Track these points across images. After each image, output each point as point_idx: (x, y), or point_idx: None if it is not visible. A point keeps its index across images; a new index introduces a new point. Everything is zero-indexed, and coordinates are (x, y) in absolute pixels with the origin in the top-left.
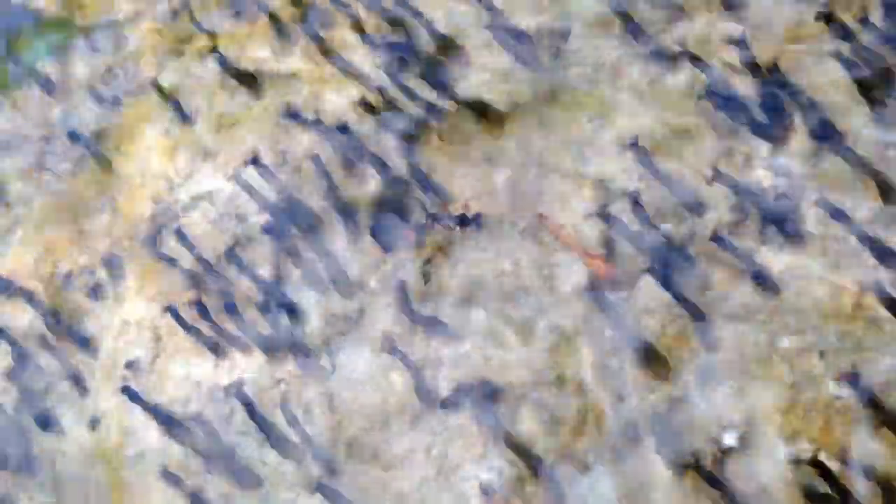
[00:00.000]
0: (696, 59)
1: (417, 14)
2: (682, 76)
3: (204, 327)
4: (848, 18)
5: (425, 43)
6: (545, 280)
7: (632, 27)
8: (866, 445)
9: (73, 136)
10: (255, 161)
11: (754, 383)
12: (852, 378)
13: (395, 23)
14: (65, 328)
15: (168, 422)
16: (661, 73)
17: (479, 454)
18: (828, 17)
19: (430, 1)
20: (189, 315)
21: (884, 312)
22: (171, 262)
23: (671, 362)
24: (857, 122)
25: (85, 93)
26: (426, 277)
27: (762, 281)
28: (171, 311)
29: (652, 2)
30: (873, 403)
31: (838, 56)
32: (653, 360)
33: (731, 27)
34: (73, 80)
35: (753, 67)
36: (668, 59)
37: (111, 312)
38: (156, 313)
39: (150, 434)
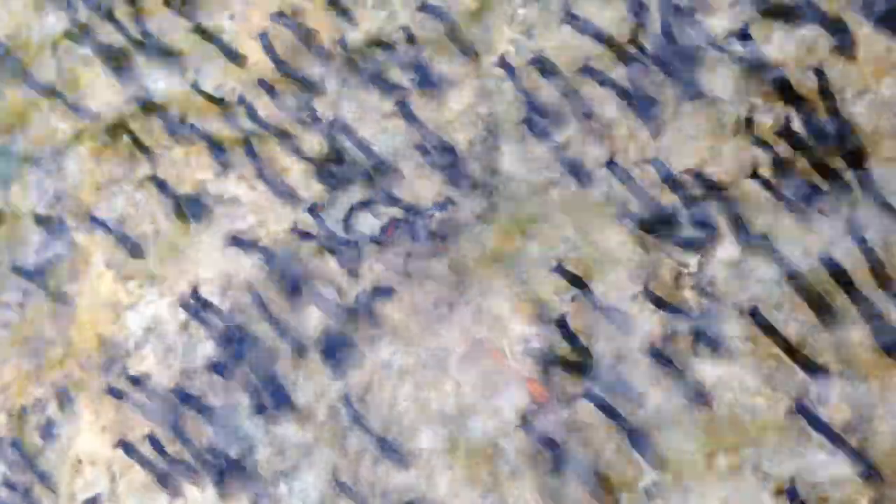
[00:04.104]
0: (616, 173)
1: (354, 136)
2: (605, 191)
3: (157, 461)
4: (767, 129)
5: (362, 166)
6: (487, 404)
7: (558, 148)
8: None
9: (20, 267)
10: (201, 289)
11: (695, 500)
12: (789, 491)
13: (333, 145)
14: (26, 464)
15: None
16: (584, 190)
17: None
18: (748, 122)
19: (366, 123)
20: (143, 449)
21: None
22: (124, 395)
23: (614, 483)
24: (784, 231)
25: (30, 221)
26: (371, 403)
27: (697, 396)
28: (124, 446)
29: (575, 117)
30: None
31: (757, 165)
32: (595, 481)
33: (650, 141)
34: (17, 208)
35: (674, 180)
36: (590, 175)
37: (66, 448)
38: (109, 448)
39: None
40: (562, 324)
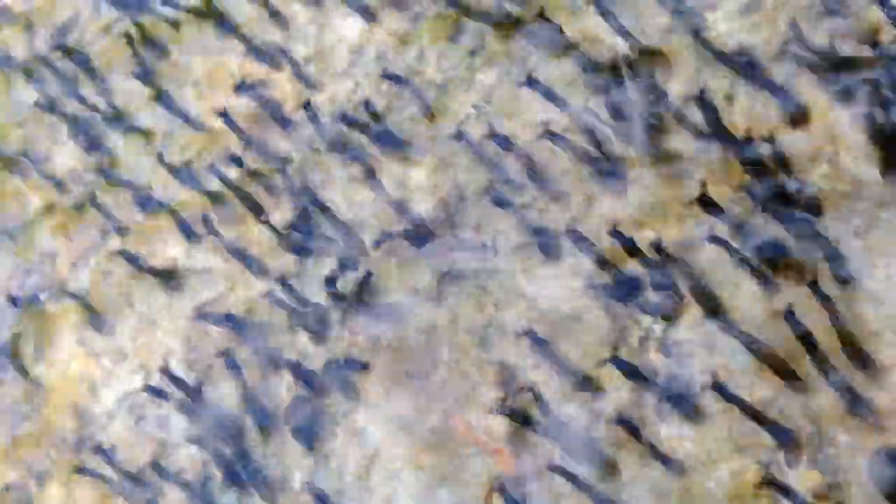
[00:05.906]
0: (581, 242)
1: (323, 206)
2: (570, 257)
3: None
4: (724, 195)
5: (330, 235)
6: (455, 475)
7: (523, 216)
8: None
9: None
10: (172, 362)
11: None
12: None
13: (301, 214)
14: None
15: None
16: (547, 257)
17: None
18: (703, 200)
19: (332, 191)
20: None
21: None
22: (97, 473)
23: None
24: (746, 298)
25: (1, 296)
26: (346, 476)
27: (667, 463)
28: None
29: (529, 180)
30: None
31: (716, 236)
32: None
33: (612, 207)
34: None
35: (636, 249)
36: (555, 242)
37: None
38: None
39: None
40: (532, 392)
